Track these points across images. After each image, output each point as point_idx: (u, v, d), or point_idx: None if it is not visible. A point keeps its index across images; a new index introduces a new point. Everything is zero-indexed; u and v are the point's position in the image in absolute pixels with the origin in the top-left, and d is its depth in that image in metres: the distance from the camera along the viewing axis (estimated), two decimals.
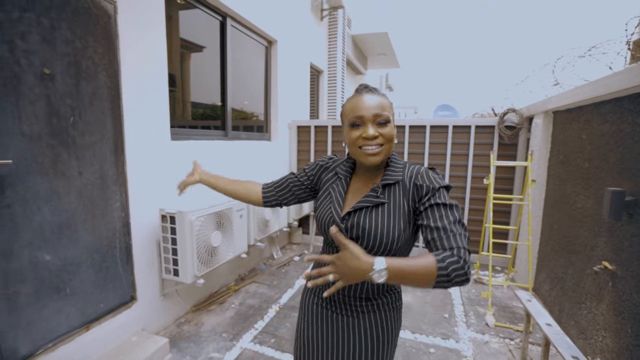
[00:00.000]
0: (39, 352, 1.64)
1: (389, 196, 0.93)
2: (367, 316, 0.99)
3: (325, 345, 1.03)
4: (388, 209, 0.92)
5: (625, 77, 1.70)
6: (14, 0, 1.44)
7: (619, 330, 1.75)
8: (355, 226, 0.92)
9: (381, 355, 1.00)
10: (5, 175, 1.46)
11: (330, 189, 1.04)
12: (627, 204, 1.69)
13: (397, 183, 0.94)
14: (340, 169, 1.07)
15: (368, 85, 0.99)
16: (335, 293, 0.99)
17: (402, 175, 0.95)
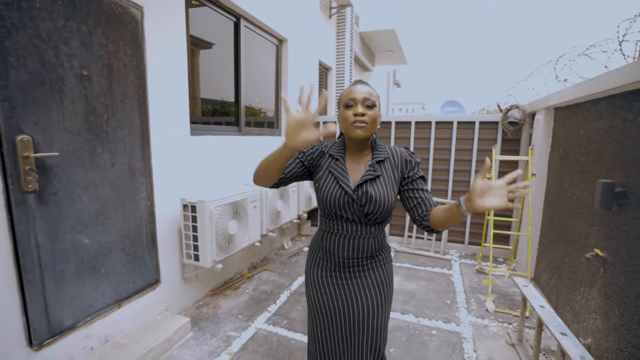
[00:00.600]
0: (79, 324, 1.84)
1: (382, 170, 1.20)
2: (370, 273, 1.24)
3: (344, 308, 1.23)
4: (383, 179, 1.19)
5: (617, 75, 1.82)
6: (59, 10, 1.61)
7: (608, 312, 1.88)
8: (364, 194, 1.15)
9: (386, 302, 1.26)
10: (52, 166, 1.65)
11: (330, 169, 1.21)
12: (617, 194, 1.81)
13: (386, 159, 1.23)
14: (334, 150, 1.25)
15: (362, 80, 1.25)
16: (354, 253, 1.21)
17: (387, 153, 1.24)
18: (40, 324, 1.64)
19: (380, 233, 1.25)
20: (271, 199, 3.13)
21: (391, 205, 1.18)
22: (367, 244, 1.21)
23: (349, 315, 1.22)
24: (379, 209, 1.15)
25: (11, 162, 1.48)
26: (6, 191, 1.49)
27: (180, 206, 2.42)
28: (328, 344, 1.27)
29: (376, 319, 1.23)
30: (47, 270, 1.66)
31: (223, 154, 2.98)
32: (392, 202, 1.18)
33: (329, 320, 1.26)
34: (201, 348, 2.19)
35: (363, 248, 1.21)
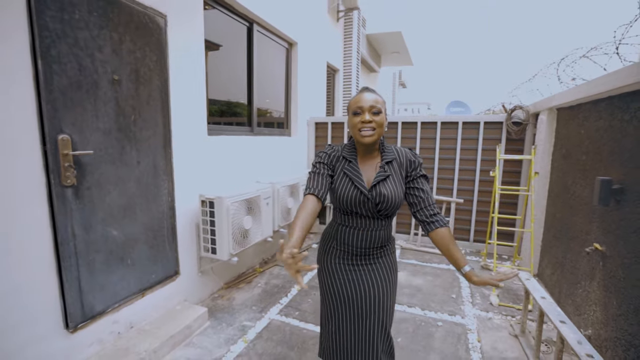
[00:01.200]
0: (108, 310, 1.98)
1: (390, 170, 1.34)
2: (380, 260, 1.40)
3: (357, 292, 1.36)
4: (392, 178, 1.33)
5: (615, 77, 1.91)
6: (95, 20, 1.76)
7: (607, 303, 1.97)
8: (378, 194, 1.28)
9: (393, 286, 1.43)
10: (87, 163, 1.79)
11: (345, 171, 1.33)
12: (614, 191, 1.91)
13: (394, 160, 1.36)
14: (346, 153, 1.37)
15: (368, 87, 1.36)
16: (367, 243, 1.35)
17: (394, 154, 1.38)
18: (75, 308, 1.79)
19: (389, 226, 1.40)
20: (282, 196, 3.26)
21: (400, 201, 1.33)
22: (378, 235, 1.35)
23: (362, 299, 1.35)
24: (390, 205, 1.29)
25: (53, 159, 1.63)
26: (48, 185, 1.63)
27: (198, 202, 2.56)
28: (342, 325, 1.39)
29: (385, 301, 1.37)
30: (81, 259, 1.80)
31: (237, 152, 3.12)
32: (401, 198, 1.33)
33: (343, 304, 1.38)
34: (218, 336, 2.32)
35: (374, 239, 1.35)
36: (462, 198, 4.03)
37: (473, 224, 4.07)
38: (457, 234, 4.17)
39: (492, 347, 2.24)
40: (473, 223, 4.07)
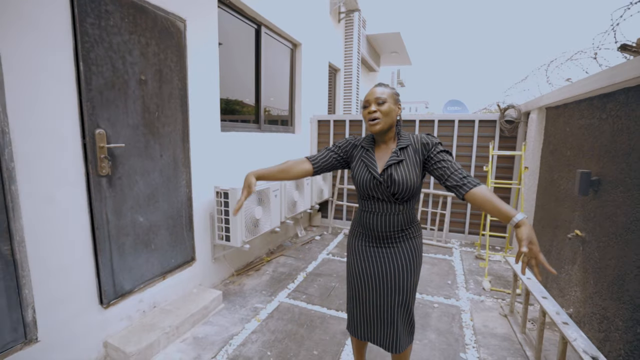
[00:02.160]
0: (134, 290, 2.18)
1: (405, 155, 1.41)
2: (401, 244, 1.45)
3: (380, 272, 1.47)
4: (406, 163, 1.39)
5: (594, 80, 2.12)
6: (126, 26, 1.95)
7: (585, 283, 2.19)
8: (388, 177, 1.37)
9: (415, 268, 1.47)
10: (119, 155, 1.98)
11: (362, 158, 1.49)
12: (593, 182, 2.13)
13: (408, 146, 1.42)
14: (365, 143, 1.52)
15: (382, 83, 1.49)
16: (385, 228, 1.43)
17: (410, 140, 1.44)
18: (108, 286, 1.98)
19: (409, 210, 1.43)
20: (289, 190, 3.46)
21: (414, 185, 1.36)
22: (397, 219, 1.41)
23: (384, 278, 1.46)
24: (403, 188, 1.35)
25: (91, 151, 1.82)
26: (87, 174, 1.83)
27: (213, 193, 2.75)
28: (366, 302, 1.52)
29: (406, 282, 1.45)
30: (113, 242, 2.00)
31: (246, 148, 3.32)
32: (414, 182, 1.36)
33: (367, 282, 1.50)
34: (233, 316, 2.53)
35: (393, 223, 1.42)
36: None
37: (468, 217, 4.29)
38: (452, 227, 4.39)
39: (483, 325, 2.46)
40: (468, 216, 4.29)
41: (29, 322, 1.62)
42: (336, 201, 4.86)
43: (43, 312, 1.67)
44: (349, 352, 2.12)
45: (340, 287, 3.02)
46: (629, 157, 1.82)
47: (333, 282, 3.11)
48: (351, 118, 4.73)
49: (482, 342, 2.25)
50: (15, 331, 1.57)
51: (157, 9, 2.17)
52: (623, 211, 1.84)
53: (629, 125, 1.84)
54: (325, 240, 4.35)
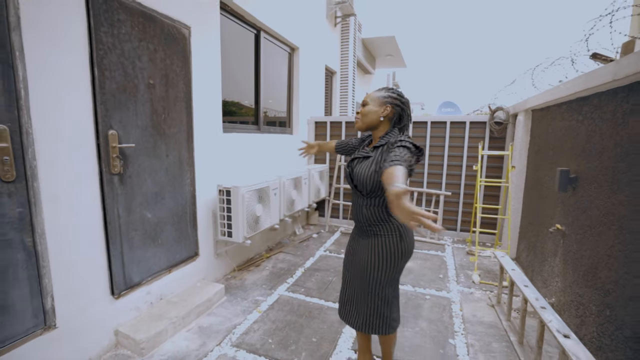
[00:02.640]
0: (143, 282, 2.30)
1: (376, 153, 1.49)
2: (373, 239, 1.55)
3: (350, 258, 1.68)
4: (371, 160, 1.49)
5: (572, 85, 2.29)
6: (136, 34, 2.08)
7: (565, 274, 2.36)
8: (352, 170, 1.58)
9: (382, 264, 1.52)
10: (130, 155, 2.11)
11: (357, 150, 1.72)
12: (571, 179, 2.29)
13: (384, 145, 1.49)
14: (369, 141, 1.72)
15: (383, 88, 1.62)
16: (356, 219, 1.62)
17: (387, 141, 1.49)
18: (119, 278, 2.11)
19: (375, 207, 1.50)
20: (287, 188, 3.60)
21: (370, 182, 1.44)
22: (365, 212, 1.54)
23: (352, 264, 1.65)
24: (360, 181, 1.48)
25: (104, 151, 1.95)
26: (100, 173, 1.95)
27: (216, 191, 2.88)
28: (345, 284, 1.74)
29: (368, 273, 1.54)
30: (124, 236, 2.12)
31: (246, 148, 3.45)
32: (367, 177, 1.44)
33: (345, 266, 1.73)
34: (235, 307, 2.66)
35: (363, 215, 1.55)
36: (450, 191, 4.41)
37: (460, 215, 4.45)
38: (445, 224, 4.55)
39: (472, 315, 2.61)
40: (460, 214, 4.45)
41: (48, 310, 1.74)
42: (333, 200, 5.00)
43: (60, 301, 1.79)
44: (345, 339, 2.26)
45: (337, 281, 3.16)
46: (601, 156, 1.98)
47: (330, 277, 3.25)
48: (347, 119, 4.88)
49: (470, 330, 2.40)
50: (36, 317, 1.69)
51: (164, 17, 2.31)
52: (596, 205, 2.00)
53: (601, 127, 2.00)
54: (322, 238, 4.49)
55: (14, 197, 1.56)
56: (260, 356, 2.08)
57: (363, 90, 8.86)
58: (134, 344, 2.05)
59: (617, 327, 1.71)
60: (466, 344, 2.24)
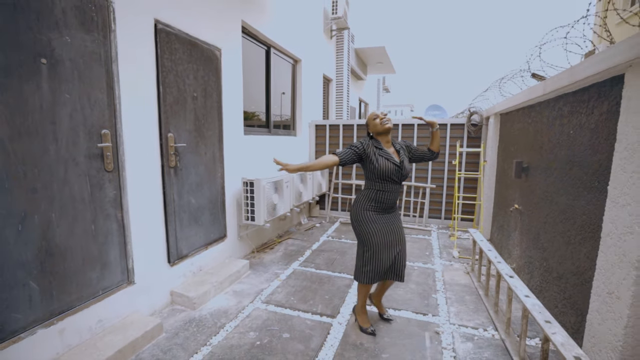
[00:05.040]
0: (189, 254, 2.87)
1: (403, 153, 2.26)
2: (396, 209, 2.30)
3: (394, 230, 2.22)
4: (406, 158, 2.26)
5: (523, 95, 2.96)
6: (185, 57, 2.67)
7: (521, 243, 3.01)
8: (404, 167, 2.18)
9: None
10: (181, 152, 2.69)
11: (382, 155, 2.17)
12: (524, 168, 2.95)
13: (401, 148, 2.28)
14: (376, 145, 2.22)
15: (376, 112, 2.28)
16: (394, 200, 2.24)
17: (400, 145, 2.30)
18: (173, 249, 2.68)
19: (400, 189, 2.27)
20: (296, 182, 4.20)
21: (409, 171, 2.25)
22: (398, 194, 2.25)
23: (394, 233, 2.22)
24: (408, 173, 2.22)
25: (165, 149, 2.53)
26: (162, 166, 2.53)
27: (240, 183, 3.47)
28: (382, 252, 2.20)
29: (403, 231, 2.29)
30: (177, 217, 2.69)
31: (260, 147, 4.04)
32: (410, 169, 2.25)
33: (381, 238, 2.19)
34: (259, 278, 3.24)
35: (397, 197, 2.24)
36: (434, 184, 5.07)
37: (444, 205, 5.12)
38: (431, 213, 5.21)
39: (451, 279, 3.25)
40: (444, 204, 5.12)
41: (130, 269, 2.31)
42: (332, 194, 5.62)
43: (136, 264, 2.36)
44: (351, 297, 2.87)
45: (340, 258, 3.77)
46: (541, 150, 2.65)
47: (334, 256, 3.86)
48: (344, 123, 5.51)
49: (448, 288, 3.04)
50: (123, 274, 2.26)
51: (204, 43, 2.90)
52: (539, 187, 2.66)
53: (541, 128, 2.67)
54: (324, 227, 5.10)
55: (112, 182, 2.14)
56: (286, 308, 2.67)
57: (356, 95, 9.53)
58: (187, 300, 2.63)
59: (550, 273, 2.36)
60: (445, 297, 2.87)
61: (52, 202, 1.79)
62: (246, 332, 2.34)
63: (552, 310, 2.27)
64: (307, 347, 2.18)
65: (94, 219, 2.03)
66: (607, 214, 1.56)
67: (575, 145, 2.08)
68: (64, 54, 1.81)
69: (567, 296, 2.08)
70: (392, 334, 2.33)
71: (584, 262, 1.85)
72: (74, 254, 1.92)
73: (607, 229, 1.55)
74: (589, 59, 1.74)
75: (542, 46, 2.87)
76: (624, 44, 1.41)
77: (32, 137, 1.69)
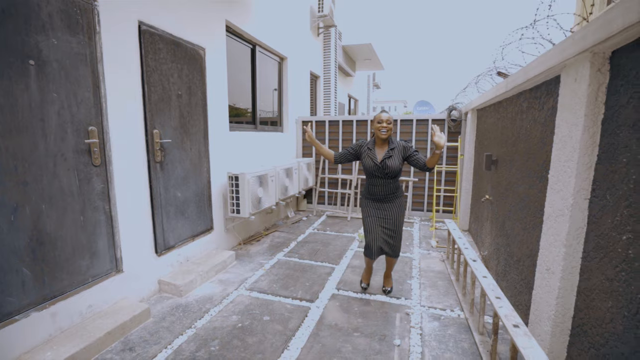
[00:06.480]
0: (176, 245, 3.01)
1: (394, 153, 2.47)
2: (398, 199, 2.62)
3: (385, 214, 2.54)
4: (394, 157, 2.45)
5: (492, 92, 3.13)
6: (169, 57, 2.79)
7: (491, 231, 3.21)
8: (384, 165, 2.41)
9: (402, 213, 2.63)
10: (167, 147, 2.82)
11: (368, 153, 2.52)
12: (493, 161, 3.14)
13: (395, 147, 2.48)
14: (369, 146, 2.55)
15: (384, 109, 2.55)
16: (384, 192, 2.52)
17: (396, 144, 2.52)
18: (160, 240, 2.82)
19: (395, 182, 2.55)
20: (281, 176, 4.35)
21: (397, 169, 2.47)
22: (388, 187, 2.54)
23: (387, 218, 2.55)
24: (391, 170, 2.46)
25: (151, 145, 2.65)
26: (148, 161, 2.66)
27: (226, 177, 3.61)
28: (377, 233, 2.57)
29: (397, 220, 2.61)
30: (163, 209, 2.83)
31: (245, 144, 4.17)
32: (397, 166, 2.47)
33: (376, 221, 2.57)
34: (245, 267, 3.40)
35: (386, 189, 2.55)
36: (417, 177, 5.26)
37: (426, 197, 5.31)
38: (414, 206, 5.40)
39: (427, 266, 3.44)
40: (426, 197, 5.31)
41: (118, 258, 2.44)
42: (319, 188, 5.78)
43: (124, 253, 2.49)
44: (330, 283, 3.04)
45: (323, 249, 3.94)
46: (507, 143, 2.83)
47: (318, 247, 4.03)
48: (330, 119, 5.66)
49: (423, 275, 3.23)
50: (112, 263, 2.40)
51: (188, 43, 3.02)
52: (505, 178, 2.85)
53: (506, 123, 2.85)
54: (311, 220, 5.26)
55: (100, 176, 2.26)
56: (268, 294, 2.83)
57: (344, 91, 9.66)
58: (174, 288, 2.77)
59: (512, 257, 2.55)
60: (419, 283, 3.06)
61: (42, 194, 1.92)
62: (229, 315, 2.49)
63: (513, 290, 2.46)
64: (285, 328, 2.34)
65: (82, 211, 2.16)
66: (547, 199, 1.73)
67: (531, 138, 2.26)
68: (51, 56, 1.93)
69: (523, 277, 2.26)
70: (366, 315, 2.51)
71: (535, 245, 2.04)
72: (64, 243, 2.06)
73: (547, 212, 1.73)
74: (535, 60, 1.91)
75: (504, 47, 3.04)
76: (558, 47, 1.58)
77: (22, 133, 1.81)
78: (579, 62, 1.44)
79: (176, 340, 2.20)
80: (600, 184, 1.36)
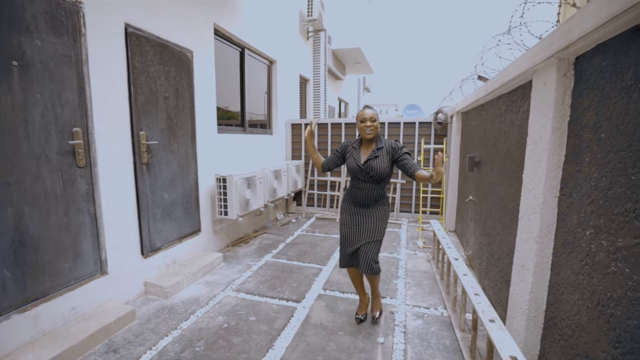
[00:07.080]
0: (162, 247, 3.01)
1: (380, 153, 2.19)
2: (380, 207, 2.28)
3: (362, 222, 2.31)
4: (380, 158, 2.17)
5: (473, 95, 3.22)
6: (156, 60, 2.80)
7: (475, 231, 3.28)
8: (368, 166, 2.23)
9: (381, 224, 2.27)
10: (153, 149, 2.82)
11: (353, 153, 2.33)
12: (476, 162, 3.22)
13: (383, 147, 2.21)
14: (354, 145, 2.37)
15: (368, 105, 2.34)
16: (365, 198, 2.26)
17: (384, 144, 2.22)
18: (146, 242, 2.81)
19: (381, 188, 2.24)
20: (270, 178, 4.37)
21: (384, 172, 2.15)
22: (372, 193, 2.23)
23: (364, 225, 2.31)
24: (377, 173, 2.15)
25: (137, 146, 2.66)
26: (134, 162, 2.66)
27: (214, 179, 3.62)
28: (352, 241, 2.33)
29: (374, 230, 2.25)
30: (149, 211, 2.83)
31: (235, 146, 4.19)
32: (384, 169, 2.15)
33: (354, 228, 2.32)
34: (232, 269, 3.40)
35: (370, 195, 2.24)
36: (404, 180, 5.34)
37: (413, 199, 5.38)
38: (402, 208, 5.47)
39: (413, 266, 3.50)
40: (413, 198, 5.38)
41: (103, 260, 2.43)
42: (308, 190, 5.81)
43: (109, 255, 2.48)
44: (317, 284, 3.07)
45: (311, 250, 3.97)
46: (488, 145, 2.91)
47: (306, 248, 4.05)
48: (319, 121, 5.71)
49: (409, 275, 3.28)
50: (96, 264, 2.39)
51: (175, 45, 3.03)
52: (486, 179, 2.93)
53: (487, 126, 2.93)
54: (300, 222, 5.29)
55: (84, 177, 2.26)
56: (255, 295, 2.85)
57: (334, 95, 9.74)
58: (160, 290, 2.77)
59: (493, 256, 2.62)
60: (405, 283, 3.11)
61: (25, 195, 1.91)
62: (215, 316, 2.50)
63: (494, 288, 2.53)
64: (271, 328, 2.36)
65: (66, 212, 2.15)
66: (522, 199, 1.80)
67: (509, 140, 2.33)
68: (35, 57, 1.93)
69: (503, 274, 2.33)
70: (351, 314, 2.54)
71: (512, 243, 2.11)
72: (47, 244, 2.05)
73: (522, 211, 1.80)
74: (510, 65, 1.99)
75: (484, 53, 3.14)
76: (530, 52, 1.66)
77: (5, 134, 1.81)
78: (547, 67, 1.51)
79: (161, 341, 2.20)
80: (568, 182, 1.43)
